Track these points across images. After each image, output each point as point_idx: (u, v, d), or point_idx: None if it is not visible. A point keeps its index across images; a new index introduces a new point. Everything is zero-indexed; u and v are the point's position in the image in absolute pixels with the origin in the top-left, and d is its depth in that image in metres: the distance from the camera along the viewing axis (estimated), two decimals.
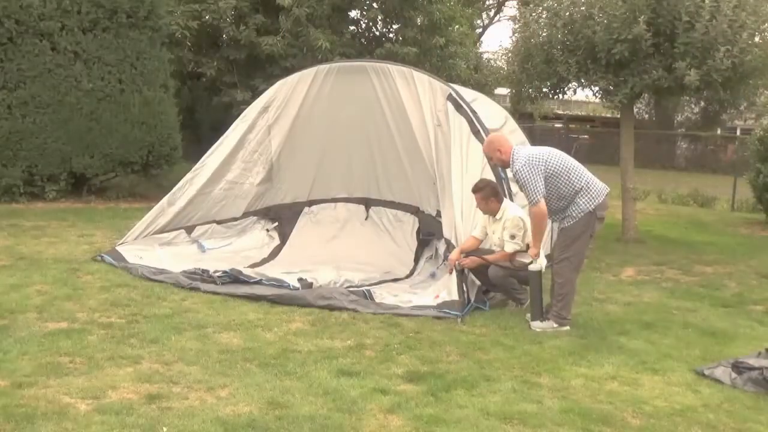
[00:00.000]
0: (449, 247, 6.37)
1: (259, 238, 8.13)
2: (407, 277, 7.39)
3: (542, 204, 5.46)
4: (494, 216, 6.16)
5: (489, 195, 6.16)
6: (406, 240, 8.08)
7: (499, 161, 5.84)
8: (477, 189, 6.21)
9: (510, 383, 4.45)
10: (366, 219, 8.43)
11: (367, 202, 8.52)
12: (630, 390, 4.50)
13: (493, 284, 6.18)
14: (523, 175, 5.48)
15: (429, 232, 7.90)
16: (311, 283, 6.38)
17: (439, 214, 7.34)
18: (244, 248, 7.87)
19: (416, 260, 7.78)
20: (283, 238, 8.24)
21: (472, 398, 4.20)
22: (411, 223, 8.20)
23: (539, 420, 3.95)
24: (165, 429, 3.61)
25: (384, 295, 6.23)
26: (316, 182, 8.50)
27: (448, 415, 3.94)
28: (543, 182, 5.46)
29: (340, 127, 8.00)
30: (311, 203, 8.58)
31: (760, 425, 4.10)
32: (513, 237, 6.02)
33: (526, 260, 5.88)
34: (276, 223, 8.33)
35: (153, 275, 6.45)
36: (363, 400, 4.08)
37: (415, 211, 8.21)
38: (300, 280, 6.39)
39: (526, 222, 6.00)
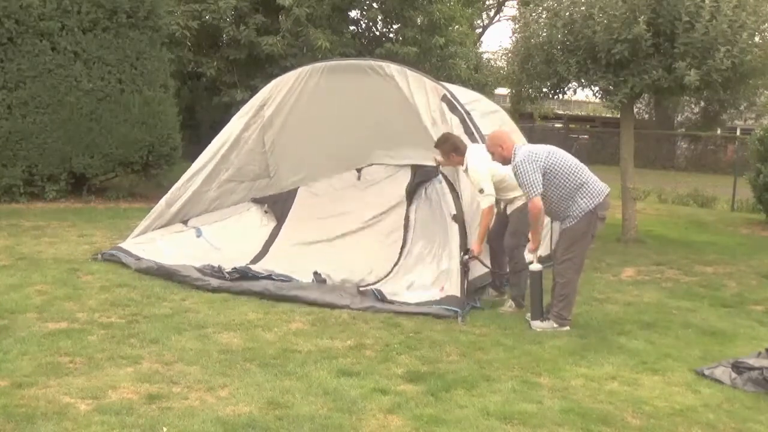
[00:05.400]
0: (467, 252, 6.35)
1: (256, 217, 8.10)
2: (403, 248, 7.34)
3: (537, 200, 5.48)
4: (463, 167, 6.17)
5: (449, 150, 6.23)
6: (399, 193, 7.87)
7: (500, 157, 5.83)
8: (437, 145, 6.26)
9: (510, 383, 4.45)
10: (359, 179, 8.30)
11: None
12: (630, 390, 4.50)
13: (506, 255, 6.18)
14: (522, 170, 5.50)
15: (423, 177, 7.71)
16: (325, 279, 6.38)
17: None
18: (240, 229, 7.85)
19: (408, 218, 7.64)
20: (282, 216, 8.19)
21: (472, 398, 4.20)
22: (403, 175, 7.98)
23: (539, 420, 3.95)
24: (165, 429, 3.61)
25: (396, 291, 6.19)
26: (312, 181, 8.47)
27: (448, 415, 3.94)
28: (541, 178, 5.47)
29: (336, 126, 7.96)
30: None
31: (760, 425, 4.10)
32: (482, 191, 5.98)
33: (527, 258, 5.90)
34: (266, 205, 8.28)
35: (163, 269, 6.49)
36: (363, 400, 4.08)
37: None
38: (315, 273, 6.40)
39: (490, 167, 5.96)
